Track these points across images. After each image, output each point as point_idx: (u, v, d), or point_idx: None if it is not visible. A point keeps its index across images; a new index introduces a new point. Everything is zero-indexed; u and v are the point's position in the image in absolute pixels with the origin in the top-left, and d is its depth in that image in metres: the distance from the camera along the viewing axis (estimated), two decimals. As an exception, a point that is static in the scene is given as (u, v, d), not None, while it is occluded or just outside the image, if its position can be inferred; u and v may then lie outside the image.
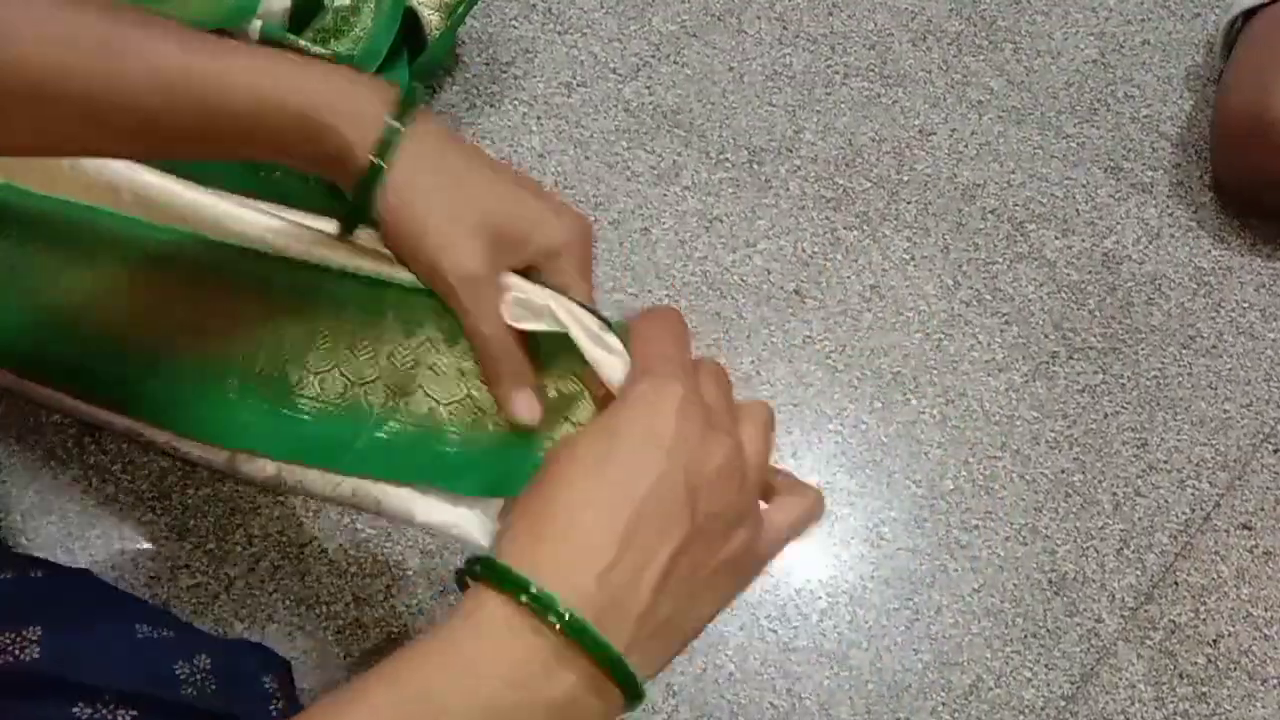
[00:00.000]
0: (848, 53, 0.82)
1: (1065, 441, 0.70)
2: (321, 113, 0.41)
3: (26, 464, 0.65)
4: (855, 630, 0.64)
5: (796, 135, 0.79)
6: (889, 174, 0.78)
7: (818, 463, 0.68)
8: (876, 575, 0.66)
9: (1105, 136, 0.80)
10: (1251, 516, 0.68)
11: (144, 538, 0.64)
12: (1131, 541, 0.67)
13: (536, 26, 0.82)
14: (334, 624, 0.62)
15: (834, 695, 0.62)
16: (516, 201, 0.44)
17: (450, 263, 0.43)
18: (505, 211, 0.44)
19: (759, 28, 0.83)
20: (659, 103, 0.79)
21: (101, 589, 0.58)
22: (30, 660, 0.46)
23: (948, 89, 0.81)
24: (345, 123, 0.42)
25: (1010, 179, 0.78)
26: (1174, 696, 0.63)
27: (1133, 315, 0.74)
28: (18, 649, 0.47)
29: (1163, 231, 0.77)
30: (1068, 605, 0.65)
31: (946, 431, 0.70)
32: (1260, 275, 0.75)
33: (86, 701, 0.46)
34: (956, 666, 0.63)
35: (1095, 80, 0.82)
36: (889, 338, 0.72)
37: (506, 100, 0.79)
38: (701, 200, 0.76)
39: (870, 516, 0.67)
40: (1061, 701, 0.63)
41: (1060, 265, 0.75)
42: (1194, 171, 0.79)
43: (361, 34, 0.71)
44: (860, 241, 0.75)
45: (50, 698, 0.45)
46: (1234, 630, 0.65)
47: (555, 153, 0.77)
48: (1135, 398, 0.71)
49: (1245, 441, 0.70)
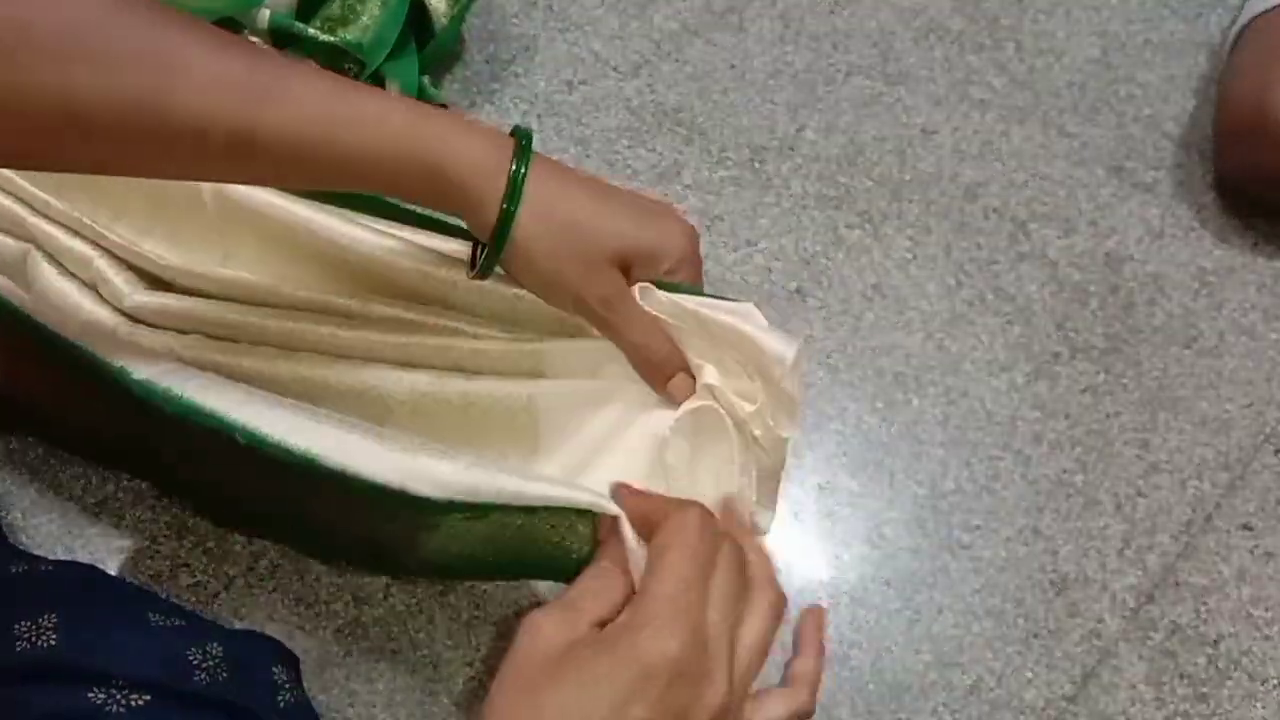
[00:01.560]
0: (850, 51, 0.82)
1: (1067, 441, 0.70)
2: (449, 166, 0.44)
3: (26, 462, 0.65)
4: (856, 630, 0.64)
5: (798, 134, 0.79)
6: (891, 173, 0.78)
7: (818, 462, 0.68)
8: (877, 576, 0.65)
9: (1108, 136, 0.80)
10: (1253, 517, 0.68)
11: (144, 536, 0.64)
12: (1133, 542, 0.67)
13: (537, 24, 0.81)
14: (334, 623, 0.62)
15: (834, 696, 0.62)
16: (639, 225, 0.47)
17: (593, 294, 0.46)
18: (632, 236, 0.47)
19: (760, 26, 0.83)
20: (660, 101, 0.79)
21: (111, 581, 0.60)
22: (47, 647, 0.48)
23: (950, 88, 0.81)
24: (473, 175, 0.44)
25: (1013, 178, 0.78)
26: (1174, 697, 0.63)
27: (1135, 315, 0.74)
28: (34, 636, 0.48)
29: (1165, 231, 0.77)
30: (1069, 606, 0.65)
31: (948, 431, 0.70)
32: (1262, 275, 0.75)
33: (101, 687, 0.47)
34: (957, 667, 0.63)
35: (1098, 79, 0.82)
36: (891, 337, 0.72)
37: (507, 98, 0.78)
38: (702, 199, 0.76)
39: (871, 517, 0.67)
40: (1062, 702, 0.63)
41: (1062, 265, 0.75)
42: (1196, 171, 0.79)
43: (369, 22, 0.71)
44: (862, 241, 0.75)
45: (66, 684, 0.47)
46: (1235, 631, 0.65)
47: (556, 151, 0.77)
48: (1137, 398, 0.71)
49: (1247, 442, 0.70)
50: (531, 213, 0.45)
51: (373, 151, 0.43)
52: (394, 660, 0.61)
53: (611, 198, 0.48)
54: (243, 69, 0.42)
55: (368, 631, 0.62)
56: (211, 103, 0.41)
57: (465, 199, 0.45)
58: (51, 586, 0.54)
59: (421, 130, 0.44)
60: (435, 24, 0.73)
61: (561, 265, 0.46)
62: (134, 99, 0.40)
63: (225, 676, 0.51)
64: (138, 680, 0.48)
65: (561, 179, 0.46)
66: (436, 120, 0.44)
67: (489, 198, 0.44)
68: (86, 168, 0.46)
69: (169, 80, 0.41)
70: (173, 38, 0.41)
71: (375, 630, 0.62)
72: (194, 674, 0.50)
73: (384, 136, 0.43)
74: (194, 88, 0.41)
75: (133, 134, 0.41)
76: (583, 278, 0.46)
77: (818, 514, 0.67)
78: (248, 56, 0.43)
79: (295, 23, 0.67)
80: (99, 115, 0.40)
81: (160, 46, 0.41)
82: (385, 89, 0.71)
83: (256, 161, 0.43)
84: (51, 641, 0.48)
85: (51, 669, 0.47)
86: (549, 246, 0.46)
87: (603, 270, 0.46)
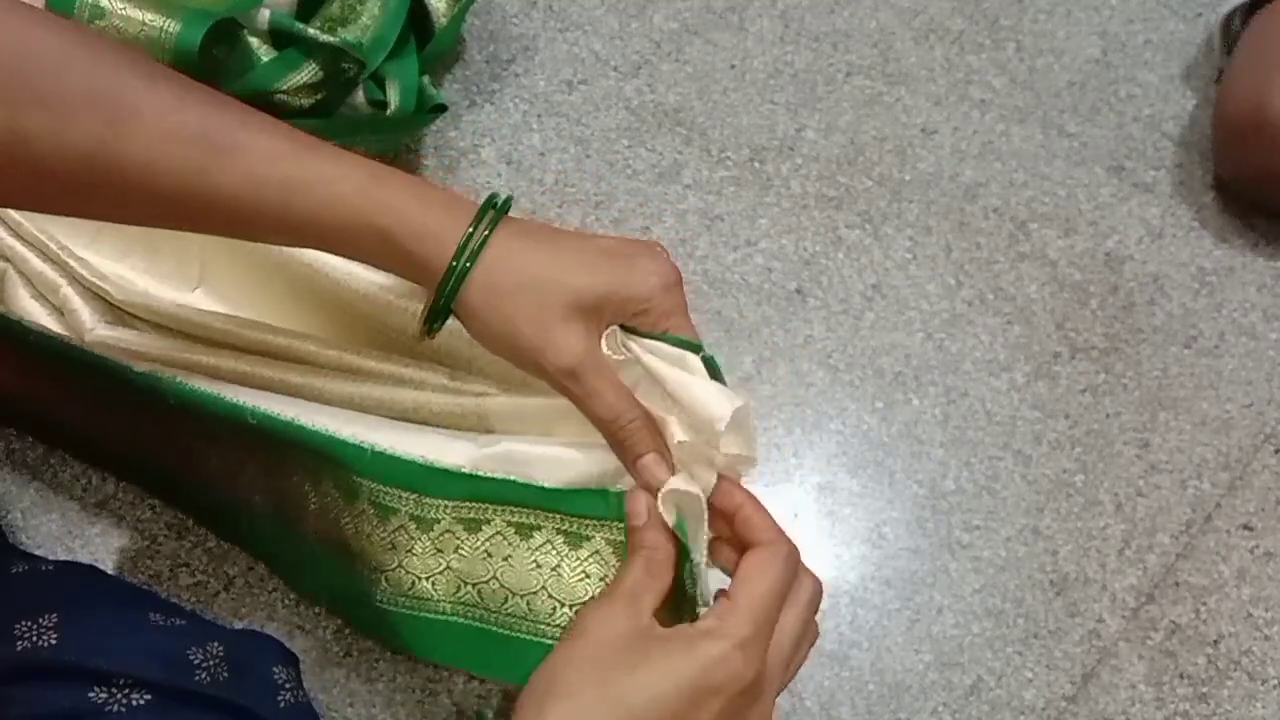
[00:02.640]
0: (850, 51, 0.82)
1: (1067, 441, 0.70)
2: (398, 232, 0.43)
3: (27, 462, 0.65)
4: (856, 630, 0.64)
5: (798, 134, 0.79)
6: (891, 173, 0.78)
7: (819, 462, 0.68)
8: (877, 575, 0.65)
9: (1107, 136, 0.80)
10: (1252, 517, 0.68)
11: (144, 536, 0.64)
12: (1133, 542, 0.67)
13: (537, 24, 0.81)
14: (333, 623, 0.62)
15: (834, 695, 0.62)
16: (608, 269, 0.44)
17: (554, 364, 0.43)
18: (593, 283, 0.44)
19: (761, 25, 0.83)
20: (660, 101, 0.79)
21: (112, 581, 0.60)
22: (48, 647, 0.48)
23: (950, 88, 0.81)
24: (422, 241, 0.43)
25: (1013, 178, 0.78)
26: (1174, 697, 0.63)
27: (1135, 315, 0.74)
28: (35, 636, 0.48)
29: (1165, 231, 0.77)
30: (1069, 606, 0.65)
31: (948, 431, 0.70)
32: (1262, 275, 0.75)
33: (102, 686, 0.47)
34: (957, 667, 0.63)
35: (1098, 79, 0.82)
36: (891, 337, 0.72)
37: (507, 98, 0.78)
38: (703, 199, 0.76)
39: (871, 516, 0.67)
40: (1062, 702, 0.63)
41: (1062, 265, 0.75)
42: (1196, 171, 0.79)
43: (369, 22, 0.71)
44: (862, 240, 0.75)
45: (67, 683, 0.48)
46: (1234, 631, 0.65)
47: (556, 151, 0.77)
48: (1137, 398, 0.71)
49: (1247, 442, 0.70)
50: (486, 275, 0.43)
51: (325, 216, 0.42)
52: (394, 660, 0.61)
53: (581, 248, 0.45)
54: (197, 122, 0.41)
55: (368, 631, 0.62)
56: (162, 155, 0.40)
57: (414, 263, 0.43)
58: (52, 586, 0.55)
59: (374, 196, 0.42)
60: (435, 24, 0.73)
61: (518, 328, 0.43)
62: (85, 147, 0.40)
63: (225, 676, 0.51)
64: (138, 679, 0.48)
65: (528, 238, 0.44)
66: (391, 185, 0.43)
67: (438, 261, 0.43)
68: (38, 208, 0.45)
69: (121, 129, 0.40)
70: (128, 84, 0.40)
71: (375, 630, 0.62)
72: (194, 673, 0.50)
73: (336, 201, 0.42)
74: (145, 139, 0.40)
75: (83, 180, 0.41)
76: (543, 341, 0.43)
77: (818, 514, 0.67)
78: (204, 108, 0.42)
79: (295, 23, 0.67)
80: (49, 159, 0.40)
81: (115, 94, 0.40)
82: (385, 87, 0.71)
83: (209, 217, 0.43)
84: (52, 641, 0.48)
85: (52, 668, 0.48)
86: (504, 308, 0.43)
87: (564, 329, 0.43)
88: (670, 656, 0.40)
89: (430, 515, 0.49)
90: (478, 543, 0.49)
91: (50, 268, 0.59)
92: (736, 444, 0.44)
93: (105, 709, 0.46)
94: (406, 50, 0.72)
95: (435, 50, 0.74)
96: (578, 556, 0.47)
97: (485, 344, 0.45)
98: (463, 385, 0.51)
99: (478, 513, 0.49)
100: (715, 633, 0.41)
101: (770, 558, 0.43)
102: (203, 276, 0.61)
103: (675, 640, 0.41)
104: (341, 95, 0.70)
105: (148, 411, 0.55)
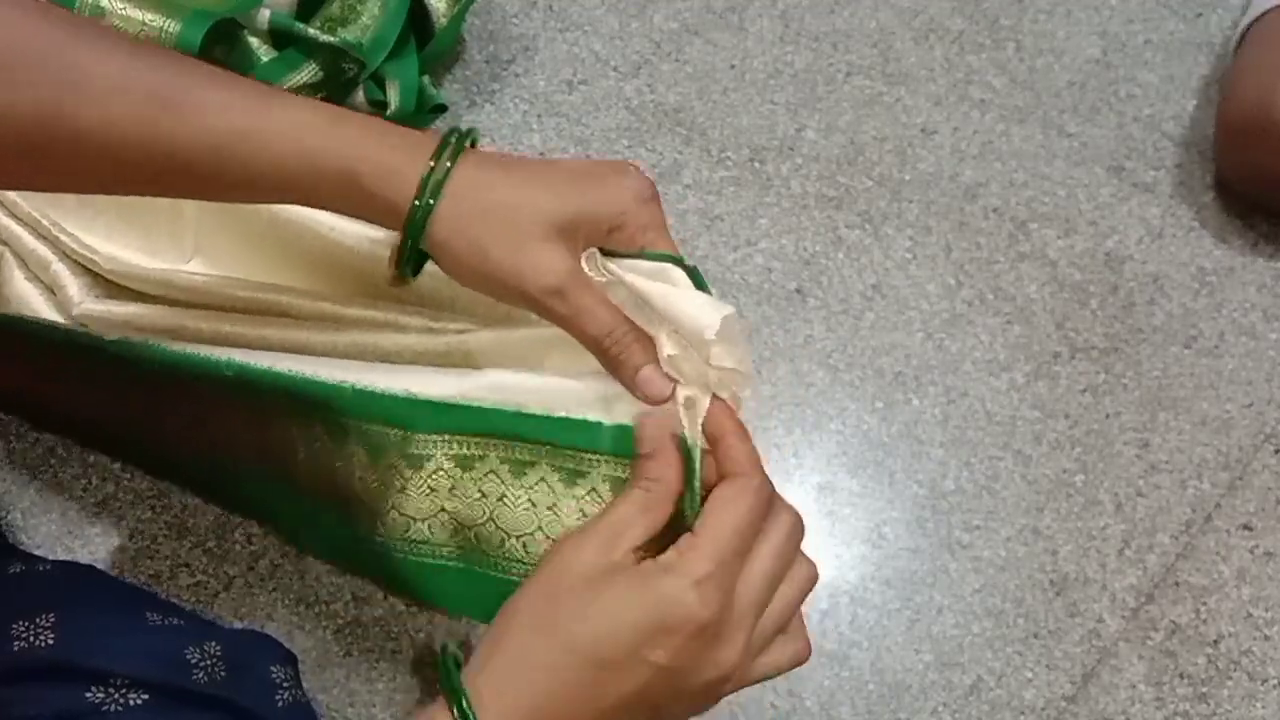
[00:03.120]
0: (850, 51, 0.82)
1: (1067, 441, 0.70)
2: (362, 173, 0.42)
3: (26, 462, 0.65)
4: (856, 630, 0.64)
5: (798, 134, 0.79)
6: (891, 173, 0.78)
7: (819, 462, 0.68)
8: (877, 575, 0.65)
9: (1108, 136, 0.80)
10: (1253, 517, 0.68)
11: (144, 536, 0.64)
12: (1133, 542, 0.67)
13: (537, 24, 0.81)
14: (333, 623, 0.62)
15: (834, 695, 0.62)
16: (578, 189, 0.43)
17: (536, 285, 0.42)
18: (570, 203, 0.43)
19: (760, 25, 0.83)
20: (660, 101, 0.79)
21: (109, 580, 0.60)
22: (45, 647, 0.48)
23: (950, 88, 0.81)
24: (385, 179, 0.42)
25: (1013, 178, 0.78)
26: (1174, 697, 0.63)
27: (1135, 315, 0.74)
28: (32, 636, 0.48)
29: (1165, 231, 0.77)
30: (1069, 606, 0.65)
31: (948, 431, 0.69)
32: (1262, 275, 0.75)
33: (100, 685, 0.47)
34: (957, 667, 0.63)
35: (1098, 79, 0.82)
36: (891, 337, 0.72)
37: (507, 98, 0.78)
38: (702, 199, 0.76)
39: (871, 516, 0.67)
40: (1062, 702, 0.63)
41: (1062, 265, 0.75)
42: (1196, 171, 0.79)
43: (369, 22, 0.71)
44: (862, 240, 0.75)
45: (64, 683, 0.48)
46: (1235, 631, 0.65)
47: (556, 151, 0.77)
48: (1137, 398, 0.71)
49: (1247, 442, 0.70)
50: (454, 206, 0.42)
51: (287, 163, 0.41)
52: (394, 660, 0.61)
53: (548, 171, 0.44)
54: (150, 80, 0.40)
55: (368, 631, 0.62)
56: (114, 114, 0.40)
57: (378, 204, 0.42)
58: (49, 586, 0.55)
59: (334, 139, 0.42)
60: (435, 24, 0.73)
61: (490, 255, 0.42)
62: (34, 111, 0.39)
63: (224, 675, 0.51)
64: (136, 679, 0.48)
65: (492, 167, 0.43)
66: (349, 127, 0.42)
67: (402, 199, 0.42)
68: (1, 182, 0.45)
69: (71, 91, 0.39)
70: (77, 47, 0.40)
71: (375, 630, 0.62)
72: (193, 673, 0.50)
73: (297, 148, 0.41)
74: (95, 98, 0.40)
75: (38, 146, 0.40)
76: (519, 266, 0.42)
77: (818, 514, 0.67)
78: (157, 68, 0.41)
79: (295, 23, 0.67)
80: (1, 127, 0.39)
81: (65, 56, 0.40)
82: (385, 87, 0.71)
83: (169, 176, 0.42)
84: (49, 641, 0.48)
85: (49, 668, 0.48)
86: (474, 237, 0.42)
87: (541, 252, 0.42)
88: (622, 595, 0.39)
89: (421, 452, 0.48)
90: (471, 482, 0.47)
91: (42, 244, 0.59)
92: (728, 356, 0.42)
93: (102, 709, 0.46)
94: (406, 50, 0.72)
95: (435, 50, 0.74)
96: (574, 495, 0.46)
97: (461, 279, 0.44)
98: (446, 325, 0.50)
99: (469, 448, 0.47)
100: (672, 568, 0.39)
101: (740, 491, 0.41)
102: (197, 247, 0.60)
103: (633, 577, 0.39)
104: (341, 95, 0.70)
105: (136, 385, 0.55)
